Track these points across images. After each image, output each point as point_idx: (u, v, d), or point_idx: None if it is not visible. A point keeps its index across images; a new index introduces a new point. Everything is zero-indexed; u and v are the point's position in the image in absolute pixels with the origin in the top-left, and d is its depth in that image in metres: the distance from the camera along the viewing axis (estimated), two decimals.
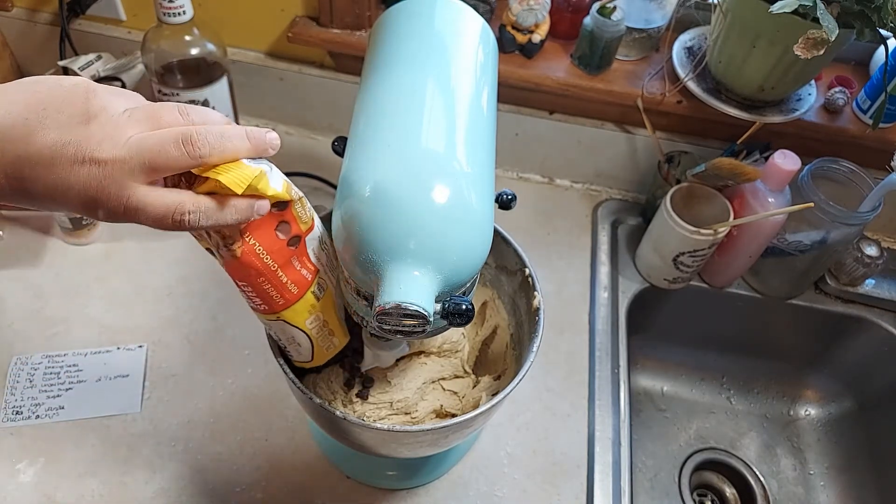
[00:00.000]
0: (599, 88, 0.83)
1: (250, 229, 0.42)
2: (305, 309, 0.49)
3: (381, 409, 0.61)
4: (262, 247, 0.43)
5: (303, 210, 0.45)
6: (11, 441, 0.69)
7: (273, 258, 0.44)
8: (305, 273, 0.47)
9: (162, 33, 0.76)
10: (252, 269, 0.43)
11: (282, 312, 0.47)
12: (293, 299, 0.47)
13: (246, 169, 0.38)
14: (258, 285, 0.45)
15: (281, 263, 0.45)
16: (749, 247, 0.81)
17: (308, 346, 0.52)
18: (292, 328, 0.49)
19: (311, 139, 0.99)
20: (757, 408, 1.01)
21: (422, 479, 0.70)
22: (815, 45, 0.60)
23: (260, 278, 0.44)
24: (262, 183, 0.39)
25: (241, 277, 0.44)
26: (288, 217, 0.44)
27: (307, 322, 0.50)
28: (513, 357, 0.66)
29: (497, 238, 0.62)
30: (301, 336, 0.50)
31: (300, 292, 0.47)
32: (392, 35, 0.52)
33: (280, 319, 0.48)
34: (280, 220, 0.44)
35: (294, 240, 0.45)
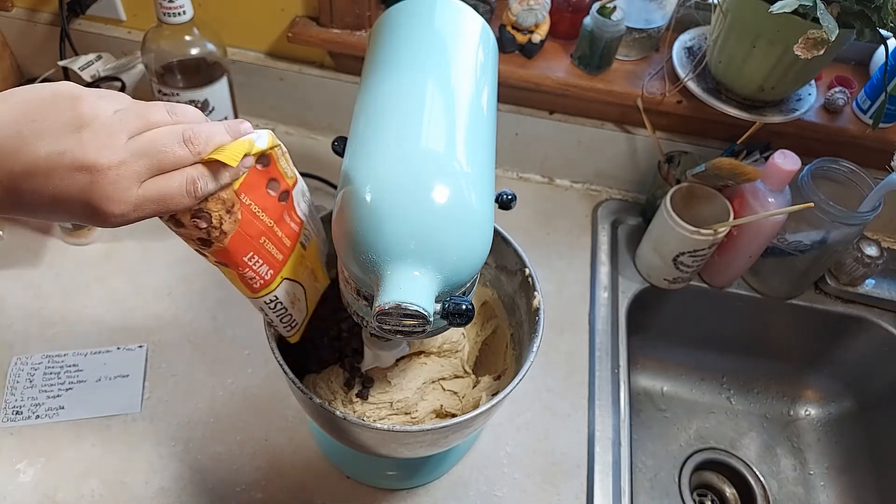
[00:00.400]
0: (599, 88, 0.83)
1: (244, 190, 0.43)
2: (298, 260, 0.50)
3: (381, 409, 0.61)
4: (257, 206, 0.44)
5: (287, 166, 0.47)
6: (11, 441, 0.69)
7: (268, 215, 0.45)
8: (294, 226, 0.49)
9: (162, 33, 0.76)
10: (255, 231, 0.44)
11: (283, 269, 0.48)
12: (288, 251, 0.49)
13: (236, 144, 0.41)
14: (261, 249, 0.45)
15: (276, 219, 0.46)
16: (749, 247, 0.81)
17: (303, 296, 0.53)
18: (293, 284, 0.51)
19: (311, 139, 0.99)
20: (757, 408, 1.01)
21: (422, 479, 0.70)
22: (815, 45, 0.60)
23: (261, 238, 0.45)
24: (253, 150, 0.42)
25: (247, 247, 0.44)
26: (275, 174, 0.45)
27: (301, 273, 0.52)
28: (513, 357, 0.66)
29: (497, 238, 0.62)
30: (299, 289, 0.52)
31: (292, 245, 0.49)
32: (392, 35, 0.52)
33: (284, 279, 0.49)
34: (269, 178, 0.45)
35: (283, 195, 0.47)
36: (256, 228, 0.45)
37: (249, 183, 0.43)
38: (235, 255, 0.44)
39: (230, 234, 0.43)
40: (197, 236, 0.42)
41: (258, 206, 0.44)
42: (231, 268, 0.45)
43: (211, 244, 0.43)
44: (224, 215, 0.42)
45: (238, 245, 0.44)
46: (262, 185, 0.45)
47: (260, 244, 0.45)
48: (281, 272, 0.48)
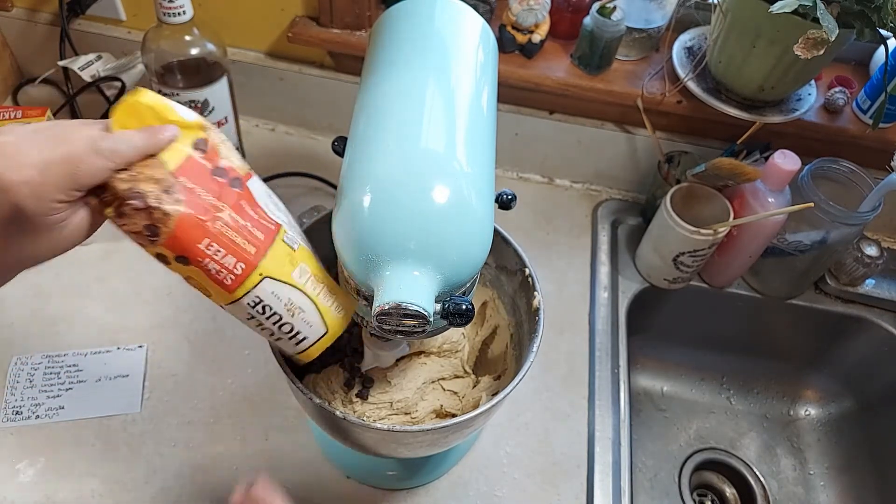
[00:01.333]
0: (599, 88, 0.83)
1: (184, 174, 0.41)
2: (284, 259, 0.46)
3: (381, 409, 0.61)
4: (202, 188, 0.42)
5: (234, 155, 0.46)
6: (11, 441, 0.69)
7: (219, 198, 0.43)
8: (265, 221, 0.46)
9: (162, 33, 0.76)
10: (203, 212, 0.41)
11: (261, 264, 0.44)
12: (262, 245, 0.44)
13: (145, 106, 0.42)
14: (219, 235, 0.42)
15: (231, 205, 0.43)
16: (749, 247, 0.81)
17: (313, 309, 0.48)
18: (283, 286, 0.46)
19: (311, 139, 0.99)
20: (757, 408, 1.01)
21: (422, 479, 0.70)
22: (815, 45, 0.60)
23: (217, 223, 0.42)
24: (171, 114, 0.42)
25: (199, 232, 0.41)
26: (219, 161, 0.44)
27: (294, 275, 0.46)
28: (513, 357, 0.66)
29: (497, 238, 0.62)
30: (299, 296, 0.47)
31: (267, 238, 0.45)
32: (392, 35, 0.52)
33: (266, 277, 0.45)
34: (213, 166, 0.44)
35: (235, 182, 0.45)
36: (206, 211, 0.42)
37: (189, 168, 0.42)
38: (187, 241, 0.41)
39: (174, 215, 0.40)
40: (142, 224, 0.41)
41: (203, 188, 0.42)
42: (192, 263, 0.42)
43: (158, 230, 0.41)
44: (161, 195, 0.40)
45: (187, 229, 0.41)
46: (205, 172, 0.43)
47: (217, 230, 0.42)
48: (258, 267, 0.44)
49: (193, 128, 0.43)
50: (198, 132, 0.43)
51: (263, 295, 0.45)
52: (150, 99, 0.42)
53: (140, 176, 0.40)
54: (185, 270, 0.43)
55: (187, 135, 0.43)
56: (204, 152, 0.43)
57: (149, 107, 0.42)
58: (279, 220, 0.47)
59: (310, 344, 0.49)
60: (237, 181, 0.45)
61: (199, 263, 0.42)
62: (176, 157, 0.42)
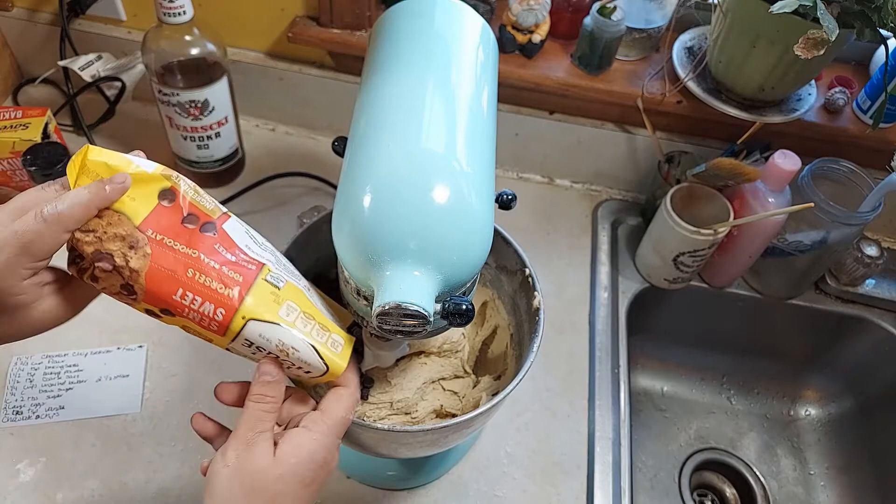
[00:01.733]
0: (599, 88, 0.83)
1: (150, 226, 0.41)
2: (268, 298, 0.44)
3: (381, 409, 0.61)
4: (171, 238, 0.42)
5: (206, 200, 0.45)
6: (11, 441, 0.69)
7: (189, 246, 0.42)
8: (244, 262, 0.44)
9: (162, 33, 0.76)
10: (172, 262, 0.41)
11: (242, 306, 0.43)
12: (242, 287, 0.43)
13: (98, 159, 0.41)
14: (192, 283, 0.42)
15: (204, 251, 0.43)
16: (749, 247, 0.81)
17: (307, 347, 0.46)
18: (270, 326, 0.44)
19: (311, 139, 0.99)
20: (757, 408, 1.01)
21: (422, 479, 0.70)
22: (815, 45, 0.60)
23: (188, 270, 0.41)
24: (128, 167, 0.42)
25: (171, 283, 0.41)
26: (189, 209, 0.43)
27: (282, 314, 0.45)
28: (513, 357, 0.66)
29: (497, 238, 0.62)
30: (289, 335, 0.45)
31: (247, 279, 0.44)
32: (392, 35, 0.52)
33: (249, 320, 0.43)
34: (183, 214, 0.43)
35: (207, 226, 0.44)
36: (176, 260, 0.41)
37: (157, 219, 0.41)
38: (161, 293, 0.41)
39: (143, 271, 0.40)
40: (118, 284, 0.41)
41: (172, 238, 0.42)
42: (176, 314, 0.42)
43: (132, 288, 0.41)
44: (127, 252, 0.40)
45: (158, 280, 0.41)
46: (175, 222, 0.42)
47: (189, 278, 0.41)
48: (239, 310, 0.43)
49: (157, 179, 0.42)
50: (163, 182, 0.43)
51: (252, 337, 0.44)
52: (101, 156, 0.41)
53: (105, 236, 0.40)
54: (175, 322, 0.43)
55: (152, 186, 0.42)
56: (172, 201, 0.43)
57: (102, 163, 0.41)
58: (261, 259, 0.46)
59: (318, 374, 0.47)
60: (210, 225, 0.44)
61: (181, 314, 0.42)
62: (142, 210, 0.41)
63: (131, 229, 0.41)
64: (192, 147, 0.85)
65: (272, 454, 0.42)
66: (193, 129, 0.82)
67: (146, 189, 0.42)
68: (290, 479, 0.42)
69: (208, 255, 0.43)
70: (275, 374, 0.44)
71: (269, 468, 0.42)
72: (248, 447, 0.42)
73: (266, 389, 0.44)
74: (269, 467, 0.42)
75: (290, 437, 0.43)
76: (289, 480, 0.42)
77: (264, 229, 0.48)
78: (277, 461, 0.42)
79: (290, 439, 0.43)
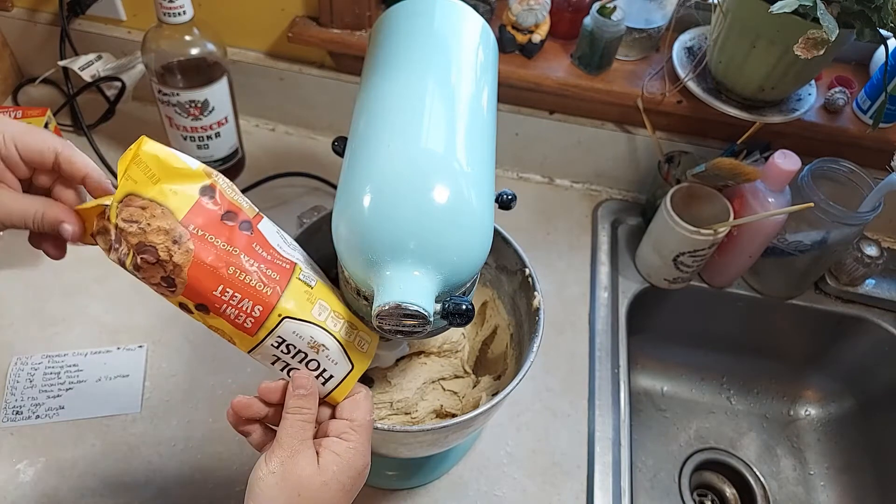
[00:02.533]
0: (599, 88, 0.83)
1: (194, 221, 0.42)
2: (302, 297, 0.46)
3: (381, 409, 0.61)
4: (213, 235, 0.43)
5: (241, 199, 0.46)
6: (11, 441, 0.69)
7: (230, 243, 0.43)
8: (279, 261, 0.46)
9: (162, 33, 0.76)
10: (214, 258, 0.42)
11: (279, 304, 0.44)
12: (279, 285, 0.45)
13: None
14: (233, 280, 0.43)
15: (242, 247, 0.44)
16: (749, 247, 0.81)
17: (336, 346, 0.47)
18: (303, 325, 0.45)
19: (311, 139, 0.99)
20: (757, 408, 1.01)
21: (422, 479, 0.70)
22: (815, 45, 0.60)
23: (229, 268, 0.43)
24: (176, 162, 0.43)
25: (212, 279, 0.42)
26: (228, 206, 0.44)
27: (314, 313, 0.46)
28: (513, 357, 0.66)
29: (497, 238, 0.62)
30: (321, 333, 0.46)
31: (283, 278, 0.45)
32: (392, 35, 0.52)
33: (285, 318, 0.45)
34: (223, 211, 0.44)
35: (245, 225, 0.45)
36: (218, 257, 0.42)
37: (198, 214, 0.42)
38: (202, 288, 0.42)
39: (186, 265, 0.41)
40: (159, 276, 0.42)
41: (213, 234, 0.43)
42: (211, 311, 0.43)
43: (174, 281, 0.42)
44: (171, 246, 0.41)
45: (201, 276, 0.42)
46: (214, 217, 0.43)
47: (230, 275, 0.43)
48: (276, 308, 0.44)
49: (199, 175, 0.44)
50: (204, 178, 0.44)
51: (285, 335, 0.45)
52: (153, 149, 0.42)
53: (149, 228, 0.41)
54: (206, 319, 0.44)
55: (194, 182, 0.43)
56: (212, 198, 0.44)
57: (153, 155, 0.42)
58: (294, 259, 0.47)
59: (336, 383, 0.48)
60: (247, 224, 0.45)
61: (217, 310, 0.43)
62: (184, 205, 0.42)
63: (174, 223, 0.41)
64: (192, 147, 0.85)
65: (316, 462, 0.44)
66: (193, 129, 0.82)
67: (188, 185, 0.43)
68: (333, 486, 0.43)
69: (247, 253, 0.44)
70: (309, 387, 0.46)
71: (315, 475, 0.43)
72: (292, 455, 0.43)
73: (303, 402, 0.45)
74: (315, 475, 0.43)
75: (328, 446, 0.45)
76: (332, 487, 0.43)
77: None
78: (322, 469, 0.43)
79: (330, 447, 0.45)
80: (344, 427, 0.46)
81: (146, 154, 0.42)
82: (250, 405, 0.47)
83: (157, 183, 0.42)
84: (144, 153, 0.42)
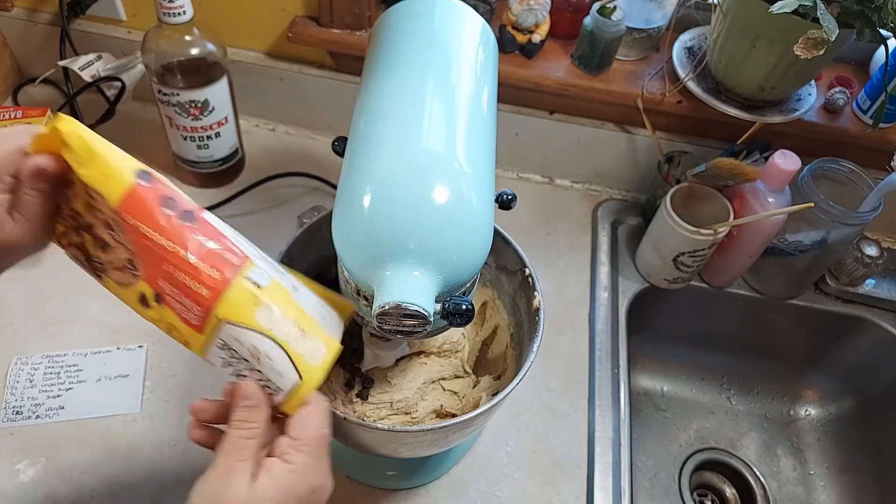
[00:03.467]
0: (599, 88, 0.83)
1: (128, 210, 0.39)
2: (245, 299, 0.41)
3: (381, 409, 0.61)
4: (147, 226, 0.39)
5: (181, 192, 0.43)
6: (11, 441, 0.69)
7: (165, 235, 0.40)
8: (228, 254, 0.41)
9: (162, 33, 0.76)
10: (146, 249, 0.39)
11: (216, 306, 0.40)
12: (219, 286, 0.40)
13: None
14: (168, 275, 0.40)
15: (182, 242, 0.40)
16: (749, 247, 0.81)
17: (282, 356, 0.42)
18: (243, 331, 0.41)
19: (311, 139, 0.99)
20: (757, 408, 1.01)
21: (422, 479, 0.70)
22: (815, 45, 0.60)
23: (162, 264, 0.40)
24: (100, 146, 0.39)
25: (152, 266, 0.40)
26: (166, 192, 0.41)
27: (259, 318, 0.41)
28: (513, 357, 0.66)
29: (497, 238, 0.62)
30: (262, 341, 0.41)
31: (225, 278, 0.41)
32: (392, 35, 0.52)
33: (223, 321, 0.40)
34: (160, 196, 0.40)
35: (187, 215, 0.41)
36: (152, 253, 0.39)
37: (135, 204, 0.39)
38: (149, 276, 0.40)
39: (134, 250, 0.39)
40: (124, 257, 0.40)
41: (148, 225, 0.39)
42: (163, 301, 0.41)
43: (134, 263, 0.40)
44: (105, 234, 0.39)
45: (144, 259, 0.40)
46: (153, 204, 0.40)
47: (165, 271, 0.40)
48: (214, 309, 0.40)
49: (130, 160, 0.41)
50: (139, 164, 0.41)
51: (226, 339, 0.41)
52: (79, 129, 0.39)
53: (82, 219, 0.39)
54: (161, 314, 0.42)
55: (128, 165, 0.40)
56: (149, 182, 0.40)
57: (78, 137, 0.39)
58: (246, 252, 0.43)
59: (283, 397, 0.42)
60: (189, 214, 0.41)
61: (166, 301, 0.41)
62: (117, 188, 0.39)
63: (109, 212, 0.39)
64: (192, 147, 0.85)
65: (249, 485, 0.39)
66: (193, 129, 0.82)
67: (121, 169, 0.40)
68: None
69: (184, 247, 0.40)
70: (256, 399, 0.41)
71: (246, 501, 0.39)
72: (226, 476, 0.39)
73: (247, 415, 0.41)
74: (246, 500, 0.39)
75: (268, 467, 0.40)
76: None
77: (264, 229, 0.48)
78: (256, 495, 0.39)
79: (268, 469, 0.40)
80: (286, 447, 0.41)
81: (70, 135, 0.39)
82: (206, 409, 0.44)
83: (87, 167, 0.39)
84: (69, 134, 0.39)
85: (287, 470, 0.40)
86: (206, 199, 0.88)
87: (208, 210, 0.43)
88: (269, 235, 0.91)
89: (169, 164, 0.91)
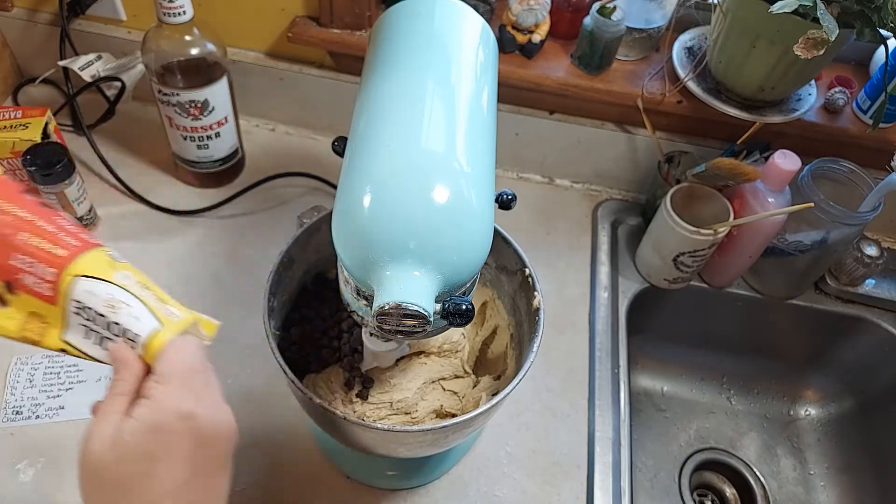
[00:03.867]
0: (599, 88, 0.83)
1: None
2: (102, 263, 0.42)
3: (381, 409, 0.61)
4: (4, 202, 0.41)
5: None
6: (11, 441, 0.69)
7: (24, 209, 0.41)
8: (86, 235, 0.43)
9: (162, 33, 0.76)
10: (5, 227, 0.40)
11: (72, 265, 0.41)
12: (74, 249, 0.41)
13: None
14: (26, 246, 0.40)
15: (38, 214, 0.41)
16: (749, 247, 0.81)
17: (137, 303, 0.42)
18: (98, 283, 0.41)
19: (311, 139, 0.99)
20: (757, 408, 1.01)
21: (422, 479, 0.70)
22: (815, 45, 0.60)
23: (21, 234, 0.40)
24: None
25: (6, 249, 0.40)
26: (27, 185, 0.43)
27: (116, 276, 0.42)
28: (513, 357, 0.66)
29: (497, 238, 0.62)
30: (118, 291, 0.41)
31: (82, 245, 0.42)
32: (392, 35, 0.52)
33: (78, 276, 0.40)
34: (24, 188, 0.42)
35: (48, 205, 0.43)
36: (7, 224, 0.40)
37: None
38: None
39: None
40: None
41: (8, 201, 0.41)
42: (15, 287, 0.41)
43: None
44: None
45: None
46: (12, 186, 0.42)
47: (22, 241, 0.40)
48: (68, 269, 0.40)
49: None
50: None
51: (80, 297, 0.41)
52: None
53: None
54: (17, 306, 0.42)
55: None
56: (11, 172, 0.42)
57: None
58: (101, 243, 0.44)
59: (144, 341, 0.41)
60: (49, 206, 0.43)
61: (17, 283, 0.41)
62: None
63: None
64: (192, 147, 0.85)
65: (113, 435, 0.37)
66: (193, 129, 0.82)
67: None
68: (135, 457, 0.36)
69: (43, 219, 0.41)
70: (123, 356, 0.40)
71: (105, 452, 0.37)
72: (87, 436, 0.37)
73: (118, 375, 0.40)
74: (105, 451, 0.37)
75: (131, 412, 0.38)
76: (133, 458, 0.36)
77: (264, 229, 0.48)
78: (115, 441, 0.37)
79: (132, 413, 0.38)
80: (149, 387, 0.39)
81: None
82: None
83: None
84: None
85: (147, 406, 0.38)
86: (206, 199, 0.88)
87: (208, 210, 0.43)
88: (269, 235, 0.91)
89: (169, 164, 0.91)
